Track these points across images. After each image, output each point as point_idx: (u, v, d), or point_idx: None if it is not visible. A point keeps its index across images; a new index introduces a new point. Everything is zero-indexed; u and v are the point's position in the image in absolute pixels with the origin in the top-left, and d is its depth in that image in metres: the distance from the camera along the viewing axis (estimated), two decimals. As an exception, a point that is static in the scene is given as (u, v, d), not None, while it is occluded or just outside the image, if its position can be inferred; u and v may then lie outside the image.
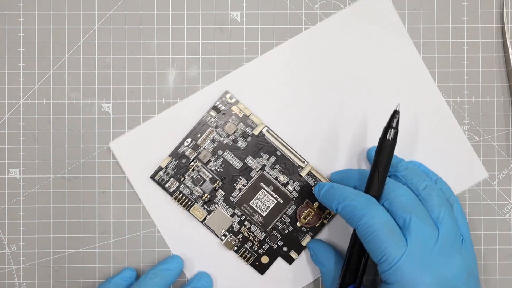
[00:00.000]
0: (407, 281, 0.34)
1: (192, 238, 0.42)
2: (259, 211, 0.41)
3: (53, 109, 0.42)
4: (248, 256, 0.41)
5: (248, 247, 0.41)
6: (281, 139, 0.41)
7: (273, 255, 0.41)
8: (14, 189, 0.42)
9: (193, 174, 0.41)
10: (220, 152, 0.41)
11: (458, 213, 0.38)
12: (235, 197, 0.41)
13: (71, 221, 0.42)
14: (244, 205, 0.41)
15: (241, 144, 0.41)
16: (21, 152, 0.42)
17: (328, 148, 0.41)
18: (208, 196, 0.41)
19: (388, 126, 0.37)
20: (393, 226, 0.35)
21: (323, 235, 0.42)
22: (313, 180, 0.41)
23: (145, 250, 0.42)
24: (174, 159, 0.41)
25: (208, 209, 0.41)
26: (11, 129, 0.42)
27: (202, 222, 0.41)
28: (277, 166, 0.41)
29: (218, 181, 0.41)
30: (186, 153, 0.41)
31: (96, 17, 0.42)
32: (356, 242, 0.37)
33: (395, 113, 0.37)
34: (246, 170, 0.41)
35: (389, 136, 0.37)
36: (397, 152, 0.38)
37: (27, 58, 0.42)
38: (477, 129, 0.42)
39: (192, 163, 0.41)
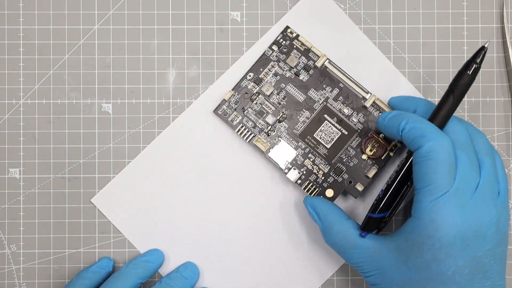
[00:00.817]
0: (440, 219, 0.34)
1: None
2: (323, 143, 0.41)
3: (53, 109, 0.42)
4: (312, 189, 0.41)
5: (312, 180, 0.41)
6: (344, 71, 0.41)
7: (338, 188, 0.41)
8: (14, 189, 0.42)
9: (256, 107, 0.41)
10: (282, 85, 0.41)
11: (499, 165, 0.37)
12: (299, 129, 0.41)
13: (71, 221, 0.42)
14: (308, 137, 0.41)
15: (304, 77, 0.41)
16: (21, 152, 0.42)
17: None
18: (272, 128, 0.41)
19: (472, 60, 0.36)
20: (452, 161, 0.34)
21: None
22: (378, 111, 0.41)
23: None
24: (237, 92, 0.41)
25: (272, 141, 0.41)
26: (11, 129, 0.42)
27: (265, 153, 0.41)
28: (341, 98, 0.41)
29: (282, 114, 0.41)
30: (249, 86, 0.41)
31: (96, 17, 0.42)
32: (404, 168, 0.37)
33: (482, 49, 0.36)
34: (309, 103, 0.41)
35: (470, 71, 0.36)
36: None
37: (27, 58, 0.42)
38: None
39: (255, 96, 0.41)
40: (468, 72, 0.36)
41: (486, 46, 0.36)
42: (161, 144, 0.42)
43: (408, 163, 0.37)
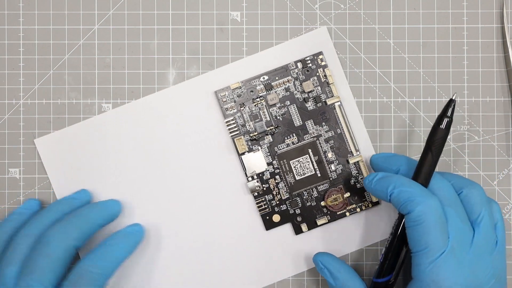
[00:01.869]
0: (441, 279, 0.34)
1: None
2: (294, 172, 0.41)
3: (53, 109, 0.42)
4: (263, 207, 0.41)
5: (267, 199, 0.41)
6: (348, 121, 0.41)
7: (285, 218, 0.41)
8: (14, 189, 0.42)
9: (253, 109, 0.41)
10: (287, 102, 0.41)
11: (497, 214, 0.38)
12: (280, 149, 0.41)
13: (71, 221, 0.42)
14: (284, 160, 0.41)
15: (310, 106, 0.41)
16: (21, 152, 0.42)
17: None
18: (258, 135, 0.41)
19: (443, 114, 0.37)
20: (444, 221, 0.35)
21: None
22: (356, 171, 0.41)
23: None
24: (244, 86, 0.41)
25: (251, 147, 0.41)
26: (11, 129, 0.42)
27: (239, 155, 0.41)
28: (332, 141, 0.41)
29: (272, 127, 0.41)
30: (258, 87, 0.41)
31: (96, 17, 0.42)
32: (399, 231, 0.37)
33: (451, 102, 0.37)
34: (302, 131, 0.41)
35: (443, 125, 0.36)
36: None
37: (27, 58, 0.42)
38: (477, 129, 0.42)
39: (258, 99, 0.41)
40: (442, 126, 0.36)
41: (454, 98, 0.37)
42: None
43: (401, 226, 0.37)
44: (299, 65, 0.41)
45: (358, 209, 0.41)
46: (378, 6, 0.42)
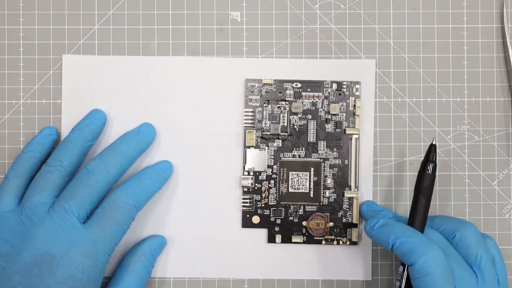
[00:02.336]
0: None
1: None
2: (289, 184, 0.41)
3: (53, 109, 0.42)
4: (248, 204, 0.41)
5: (254, 198, 0.41)
6: (359, 157, 0.41)
7: (263, 223, 0.41)
8: (14, 189, 0.42)
9: (275, 111, 0.41)
10: (309, 116, 0.41)
11: (494, 251, 0.38)
12: (285, 157, 0.41)
13: (71, 221, 0.42)
14: (285, 169, 0.41)
15: (330, 127, 0.41)
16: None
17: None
18: (269, 136, 0.41)
19: (426, 160, 0.38)
20: (448, 270, 0.35)
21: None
22: (348, 206, 0.41)
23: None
24: (275, 85, 0.41)
25: (258, 144, 0.41)
26: (11, 129, 0.42)
27: (245, 147, 0.41)
28: (336, 169, 0.41)
29: (286, 134, 0.41)
30: (287, 91, 0.41)
31: (96, 17, 0.42)
32: (406, 281, 0.37)
33: (431, 147, 0.38)
34: (312, 148, 0.41)
35: (429, 171, 0.38)
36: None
37: (27, 58, 0.42)
38: (477, 129, 0.42)
39: (283, 102, 0.41)
40: (428, 172, 0.38)
41: (434, 143, 0.38)
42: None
43: (405, 276, 0.37)
44: (334, 86, 0.41)
45: (335, 242, 0.41)
46: (378, 6, 0.42)
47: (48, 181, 0.37)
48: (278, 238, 0.41)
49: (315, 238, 0.41)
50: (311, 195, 0.41)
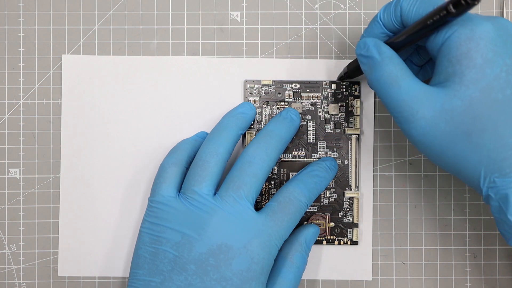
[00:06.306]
0: (474, 24, 0.32)
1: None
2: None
3: (53, 109, 0.42)
4: None
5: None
6: (359, 156, 0.41)
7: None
8: (14, 189, 0.42)
9: (275, 111, 0.41)
10: (308, 117, 0.41)
11: None
12: (285, 158, 0.41)
13: (71, 221, 0.42)
14: (285, 170, 0.41)
15: (330, 127, 0.41)
16: (21, 152, 0.42)
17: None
18: None
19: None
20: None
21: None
22: (348, 206, 0.41)
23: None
24: (274, 86, 0.41)
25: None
26: (11, 129, 0.42)
27: (243, 140, 0.41)
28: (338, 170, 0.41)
29: None
30: (286, 92, 0.41)
31: (96, 17, 0.42)
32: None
33: None
34: (312, 148, 0.41)
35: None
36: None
37: (27, 58, 0.42)
38: (477, 129, 0.42)
39: (282, 103, 0.41)
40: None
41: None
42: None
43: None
44: (333, 86, 0.41)
45: (336, 242, 0.41)
46: (378, 6, 0.42)
47: (206, 170, 0.37)
48: None
49: (316, 238, 0.41)
50: None
